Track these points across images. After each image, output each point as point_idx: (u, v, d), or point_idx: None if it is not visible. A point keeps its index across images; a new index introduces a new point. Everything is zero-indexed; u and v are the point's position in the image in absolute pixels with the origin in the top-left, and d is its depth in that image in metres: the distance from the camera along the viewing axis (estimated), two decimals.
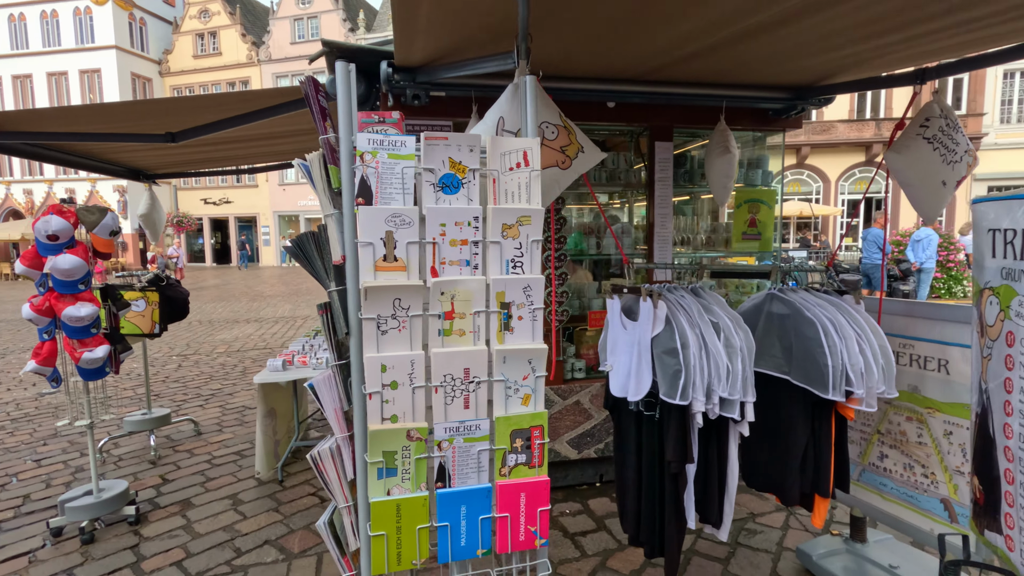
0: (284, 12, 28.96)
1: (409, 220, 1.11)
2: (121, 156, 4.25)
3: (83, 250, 3.01)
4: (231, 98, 2.98)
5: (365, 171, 1.10)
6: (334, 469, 1.17)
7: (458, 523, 1.17)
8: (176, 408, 5.58)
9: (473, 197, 1.17)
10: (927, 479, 2.25)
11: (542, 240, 1.24)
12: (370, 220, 1.10)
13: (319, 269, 1.14)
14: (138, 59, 29.66)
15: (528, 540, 1.23)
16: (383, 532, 1.13)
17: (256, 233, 31.24)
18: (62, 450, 4.52)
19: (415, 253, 1.12)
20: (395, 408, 1.14)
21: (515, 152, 1.18)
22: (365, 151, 1.10)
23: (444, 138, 1.13)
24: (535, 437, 1.24)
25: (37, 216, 2.93)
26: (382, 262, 1.11)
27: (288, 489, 3.66)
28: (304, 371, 3.75)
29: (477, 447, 1.19)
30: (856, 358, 1.93)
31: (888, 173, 2.25)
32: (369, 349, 1.11)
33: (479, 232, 1.16)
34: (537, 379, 1.24)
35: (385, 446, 1.13)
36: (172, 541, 3.06)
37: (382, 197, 1.11)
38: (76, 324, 3.01)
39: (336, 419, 1.17)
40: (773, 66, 2.80)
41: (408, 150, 1.14)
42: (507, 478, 1.21)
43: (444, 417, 1.17)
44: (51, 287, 3.03)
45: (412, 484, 1.17)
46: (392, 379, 1.13)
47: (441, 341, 1.16)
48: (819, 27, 2.14)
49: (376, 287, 1.07)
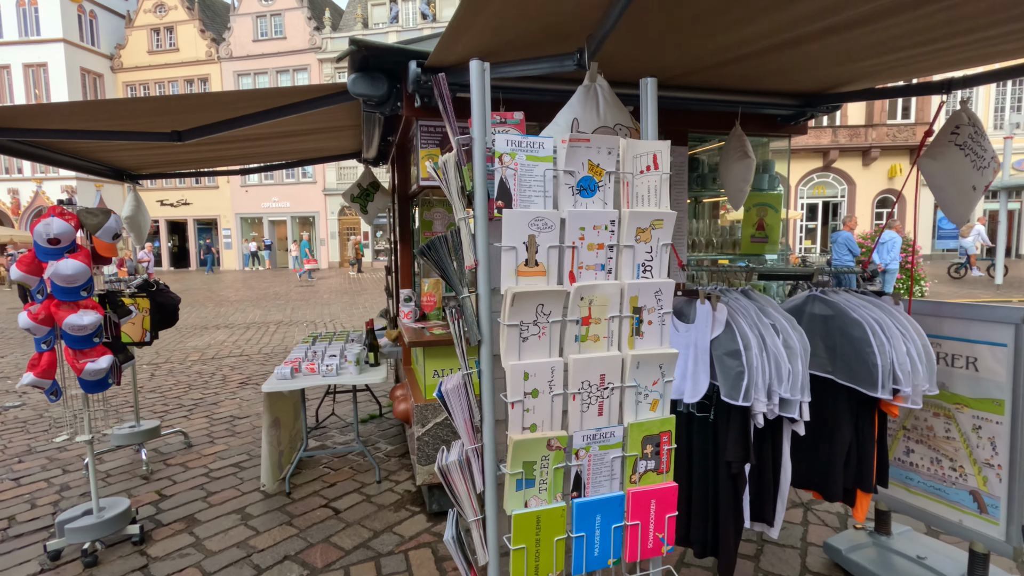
0: (246, 8, 28.13)
1: (551, 224, 1.09)
2: (105, 155, 4.04)
3: (85, 255, 2.84)
4: (247, 96, 2.87)
5: (504, 173, 1.07)
6: (463, 482, 1.13)
7: (593, 533, 1.14)
8: (158, 420, 5.33)
9: (608, 200, 1.15)
10: (955, 472, 2.34)
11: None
12: (514, 223, 1.06)
13: (452, 274, 1.10)
14: (88, 53, 28.29)
15: (656, 547, 1.22)
16: (523, 545, 1.10)
17: (217, 236, 30.20)
18: (41, 467, 4.25)
19: (555, 257, 1.10)
20: (535, 417, 1.11)
21: (646, 155, 1.17)
22: (504, 152, 1.07)
23: (586, 140, 1.11)
24: (664, 443, 1.23)
25: (35, 219, 2.75)
26: (524, 267, 1.08)
27: (298, 501, 3.54)
28: (313, 378, 3.63)
29: (611, 454, 1.18)
30: (903, 357, 2.00)
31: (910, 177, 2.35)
32: (511, 356, 1.08)
33: (614, 236, 1.15)
34: (666, 384, 1.23)
35: (526, 456, 1.10)
36: (184, 560, 2.91)
37: (521, 200, 1.08)
38: (78, 333, 2.83)
39: (466, 430, 1.13)
40: (792, 74, 2.87)
41: (546, 152, 1.11)
42: (637, 485, 1.20)
43: (580, 425, 1.15)
44: (50, 294, 2.84)
45: (548, 495, 1.14)
46: (534, 387, 1.09)
47: (578, 347, 1.14)
48: (854, 40, 2.21)
49: (523, 293, 1.04)
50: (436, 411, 3.15)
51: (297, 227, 29.65)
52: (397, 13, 27.04)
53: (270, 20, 28.11)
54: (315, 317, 12.41)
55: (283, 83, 28.23)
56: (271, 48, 28.10)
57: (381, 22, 27.37)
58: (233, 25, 28.34)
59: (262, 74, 28.37)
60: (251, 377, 7.04)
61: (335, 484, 3.78)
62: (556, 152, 1.11)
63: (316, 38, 27.55)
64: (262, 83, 28.41)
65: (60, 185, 27.31)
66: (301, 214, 29.22)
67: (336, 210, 28.60)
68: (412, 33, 26.42)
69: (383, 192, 5.04)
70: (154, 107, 2.87)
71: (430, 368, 3.21)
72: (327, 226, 28.71)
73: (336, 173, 28.47)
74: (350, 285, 19.65)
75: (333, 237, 28.75)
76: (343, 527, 3.20)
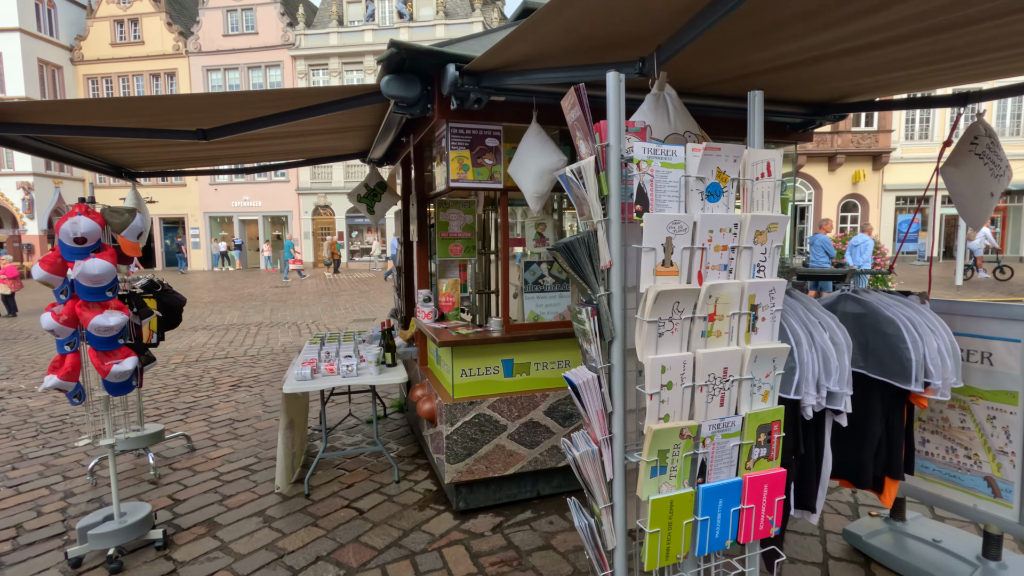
0: (215, 2, 27.41)
1: (686, 227, 1.16)
2: (108, 152, 3.94)
3: (111, 254, 2.78)
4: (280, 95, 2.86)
5: (642, 179, 1.13)
6: (594, 471, 1.19)
7: (716, 516, 1.22)
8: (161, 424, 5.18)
9: (730, 205, 1.23)
10: (970, 460, 2.51)
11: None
12: (654, 226, 1.13)
13: (588, 274, 1.16)
14: (46, 44, 27.10)
15: (766, 528, 1.30)
16: (658, 529, 1.16)
17: (185, 235, 29.32)
18: (38, 474, 4.10)
19: (687, 258, 1.17)
20: (668, 408, 1.18)
21: (761, 163, 1.25)
22: (641, 159, 1.13)
23: (717, 149, 1.18)
24: (774, 431, 1.32)
25: (63, 217, 2.68)
26: (661, 267, 1.14)
27: (318, 503, 3.52)
28: (333, 379, 3.62)
29: (731, 442, 1.25)
30: (933, 353, 2.14)
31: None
32: (650, 351, 1.14)
33: (736, 238, 1.22)
34: (776, 376, 1.31)
35: (661, 445, 1.16)
36: (213, 564, 2.87)
37: (657, 204, 1.15)
38: (104, 335, 2.77)
39: (599, 421, 1.19)
40: (810, 86, 3.02)
41: (679, 159, 1.18)
42: (751, 471, 1.28)
43: (704, 415, 1.22)
44: (74, 294, 2.77)
45: (678, 481, 1.21)
46: (669, 380, 1.16)
47: (704, 342, 1.21)
48: (877, 57, 2.35)
49: (666, 291, 1.11)
50: (465, 410, 3.19)
51: (269, 227, 29.03)
52: (373, 11, 26.76)
53: (241, 15, 27.46)
54: (296, 318, 12.21)
55: (255, 79, 27.61)
56: (242, 43, 27.45)
57: (357, 20, 27.05)
58: (202, 19, 27.57)
59: (232, 69, 27.69)
60: (241, 380, 6.90)
61: (353, 485, 3.77)
62: (687, 159, 1.19)
63: (289, 34, 27.05)
64: (232, 79, 27.73)
65: (15, 181, 26.10)
66: (273, 213, 28.63)
67: (309, 210, 28.12)
68: (389, 33, 26.21)
69: (390, 192, 5.03)
70: (182, 105, 2.83)
71: (458, 367, 3.24)
72: (300, 226, 28.20)
73: (310, 172, 27.99)
74: (327, 286, 19.37)
75: (307, 237, 28.25)
76: (370, 527, 3.21)
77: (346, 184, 27.44)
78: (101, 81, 28.52)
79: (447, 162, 3.08)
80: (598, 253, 1.14)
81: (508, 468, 3.31)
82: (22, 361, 8.33)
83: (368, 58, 26.44)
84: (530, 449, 3.34)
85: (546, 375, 3.42)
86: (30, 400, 6.21)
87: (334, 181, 27.49)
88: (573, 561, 2.82)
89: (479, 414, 3.22)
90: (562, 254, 1.15)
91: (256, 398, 6.03)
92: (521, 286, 3.40)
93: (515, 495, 3.42)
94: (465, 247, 4.10)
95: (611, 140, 1.12)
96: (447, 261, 4.07)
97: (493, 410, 3.24)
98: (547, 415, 3.35)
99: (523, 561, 2.83)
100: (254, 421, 5.23)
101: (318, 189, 27.76)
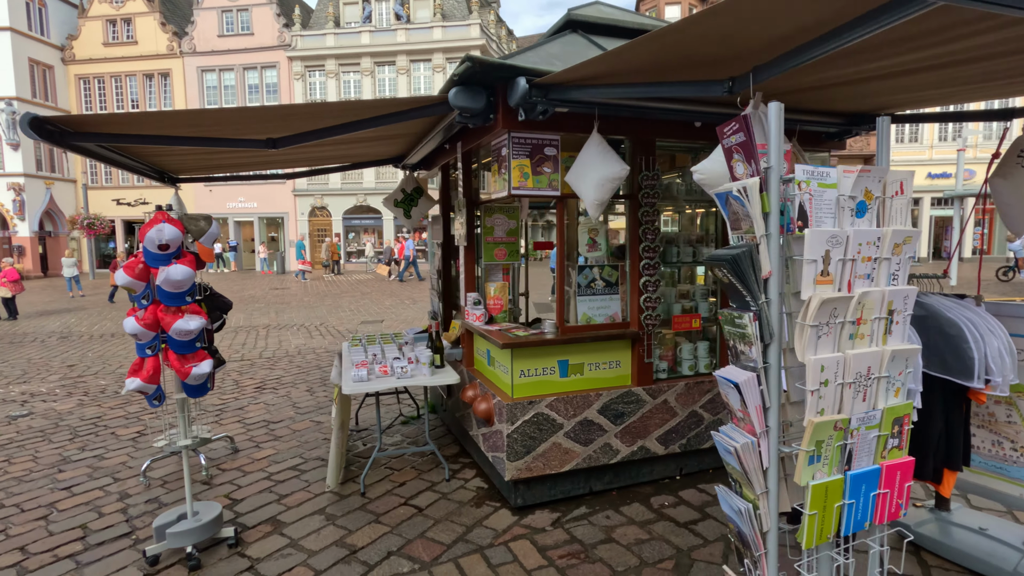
0: (210, 2, 27.25)
1: (840, 240, 1.29)
2: (160, 159, 4.00)
3: (191, 260, 2.86)
4: (351, 107, 2.96)
5: (802, 198, 1.26)
6: (752, 460, 1.31)
7: (859, 499, 1.35)
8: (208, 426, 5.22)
9: (873, 220, 1.36)
10: (1016, 452, 2.67)
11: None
12: (815, 240, 1.26)
13: (751, 283, 1.28)
14: (37, 43, 26.78)
15: (896, 511, 1.43)
16: (816, 511, 1.29)
17: None
18: (87, 476, 4.15)
19: (839, 269, 1.30)
20: (823, 403, 1.31)
21: (895, 182, 1.39)
22: (802, 180, 1.26)
23: (868, 171, 1.32)
24: (904, 423, 1.45)
25: (147, 224, 2.76)
26: (820, 276, 1.27)
27: (375, 500, 3.61)
28: (388, 380, 3.71)
29: (872, 434, 1.38)
30: (994, 351, 2.29)
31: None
32: (810, 352, 1.27)
33: (878, 250, 1.36)
34: (907, 375, 1.44)
35: (819, 436, 1.29)
36: (288, 560, 2.96)
37: (815, 220, 1.28)
38: (184, 338, 2.85)
39: (758, 416, 1.31)
40: (854, 100, 3.17)
41: (832, 180, 1.31)
42: (886, 459, 1.41)
43: (851, 410, 1.35)
44: (155, 299, 2.85)
45: (828, 469, 1.34)
46: (825, 378, 1.29)
47: (852, 344, 1.34)
48: (926, 77, 2.50)
49: (828, 299, 1.24)
50: (524, 410, 3.30)
51: (264, 229, 28.90)
52: (370, 13, 26.77)
53: (236, 15, 27.32)
54: (303, 320, 12.22)
55: (251, 80, 27.48)
56: (237, 44, 27.32)
57: (353, 21, 27.05)
58: (197, 19, 27.40)
59: (228, 70, 27.54)
60: (264, 382, 6.95)
61: (404, 483, 3.86)
62: (839, 180, 1.32)
63: (285, 35, 26.97)
64: (227, 79, 27.57)
65: (6, 183, 25.74)
66: (269, 215, 28.50)
67: (306, 211, 28.04)
68: (386, 34, 26.24)
69: (427, 197, 5.13)
70: (259, 116, 2.92)
71: (517, 368, 3.36)
72: (296, 227, 28.10)
73: None
74: (328, 288, 19.35)
75: (305, 239, 28.15)
76: (432, 523, 3.31)
77: (342, 186, 27.41)
78: (93, 81, 28.24)
79: (509, 170, 3.19)
80: (759, 263, 1.26)
81: (564, 465, 3.43)
82: (35, 364, 8.29)
83: (365, 60, 26.45)
84: (584, 447, 3.46)
85: (599, 375, 3.55)
86: (54, 403, 6.22)
87: (331, 183, 27.43)
88: (638, 553, 2.95)
89: (537, 413, 3.33)
90: (727, 264, 1.28)
91: (284, 400, 6.09)
92: (574, 289, 3.52)
93: (569, 491, 3.54)
94: (509, 251, 4.22)
95: (772, 163, 1.25)
96: (491, 265, 4.19)
97: (550, 409, 3.36)
98: (600, 414, 3.48)
99: (589, 554, 2.95)
100: (289, 423, 5.29)
101: (315, 191, 27.69)
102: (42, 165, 26.96)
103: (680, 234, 3.88)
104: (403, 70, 26.25)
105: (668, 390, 3.63)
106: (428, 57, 26.14)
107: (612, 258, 3.77)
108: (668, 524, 3.23)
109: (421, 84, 26.50)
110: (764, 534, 1.33)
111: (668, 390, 3.63)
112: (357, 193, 27.35)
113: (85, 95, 28.40)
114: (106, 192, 28.58)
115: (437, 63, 26.00)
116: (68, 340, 10.22)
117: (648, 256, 3.50)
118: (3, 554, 3.10)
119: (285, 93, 27.04)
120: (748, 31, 1.80)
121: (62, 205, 27.86)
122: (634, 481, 3.71)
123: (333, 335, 10.25)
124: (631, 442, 3.57)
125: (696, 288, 3.88)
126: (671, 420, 3.66)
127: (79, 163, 28.56)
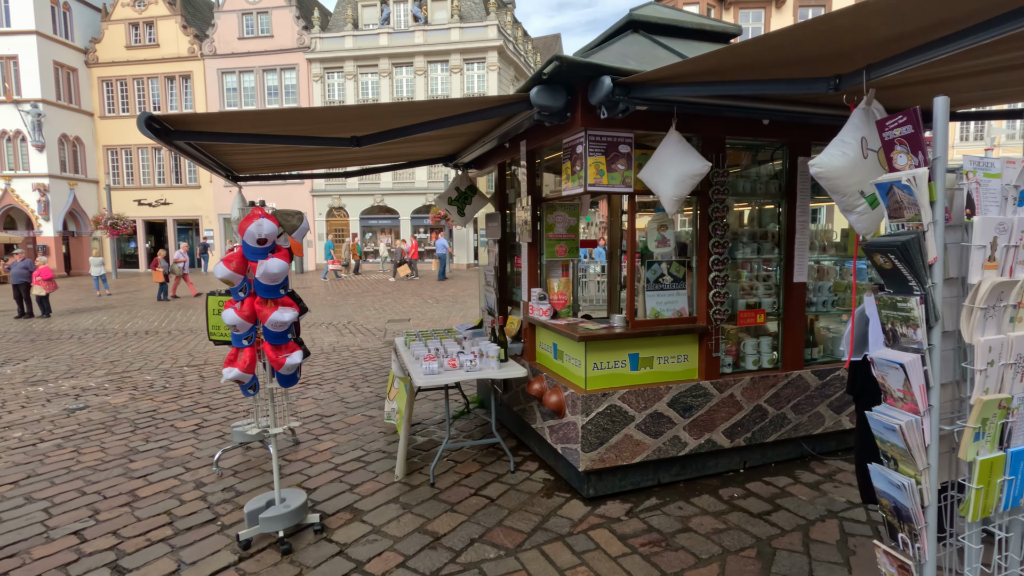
0: (231, 5, 27.58)
1: (1007, 227, 1.36)
2: (233, 157, 4.12)
3: (285, 254, 2.96)
4: (433, 106, 3.05)
5: (969, 187, 1.33)
6: (915, 437, 1.38)
7: (1019, 475, 1.42)
8: (236, 417, 5.35)
9: None
10: None
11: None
12: (983, 227, 1.33)
13: (919, 268, 1.35)
14: (62, 47, 27.24)
15: None
16: (981, 486, 1.36)
17: (198, 237, 29.45)
18: (158, 466, 4.27)
19: (1004, 255, 1.37)
20: (988, 383, 1.37)
21: None
22: (969, 170, 1.33)
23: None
24: None
25: (246, 219, 2.86)
26: (988, 262, 1.34)
27: (446, 491, 3.70)
28: (457, 373, 3.80)
29: None
30: None
31: None
32: (978, 334, 1.34)
33: None
34: None
35: (985, 414, 1.36)
36: (375, 546, 3.05)
37: (982, 208, 1.35)
38: (278, 329, 2.95)
39: (921, 395, 1.38)
40: (927, 98, 3.21)
41: (996, 170, 1.37)
42: None
43: (1011, 388, 1.41)
44: (252, 292, 2.95)
45: (990, 445, 1.40)
46: (991, 359, 1.36)
47: (1012, 327, 1.40)
48: (1001, 77, 2.54)
49: (999, 283, 1.31)
50: (598, 402, 3.37)
51: None
52: (388, 15, 26.98)
53: (256, 18, 27.64)
54: (329, 319, 12.36)
55: (270, 82, 27.78)
56: (257, 46, 27.63)
57: (372, 23, 27.26)
58: (217, 22, 27.75)
59: (248, 72, 27.86)
60: (307, 377, 7.06)
61: (470, 475, 3.94)
62: (1003, 170, 1.38)
63: (305, 37, 27.24)
64: (247, 81, 27.89)
65: (31, 183, 26.19)
66: None
67: (324, 211, 28.28)
68: (404, 36, 26.41)
69: (480, 196, 5.21)
70: (348, 115, 3.02)
71: (590, 361, 3.43)
72: (315, 227, 28.34)
73: None
74: (348, 287, 19.52)
75: (320, 239, 28.38)
76: (507, 513, 3.38)
77: (360, 187, 27.61)
78: (116, 83, 28.67)
79: (585, 167, 3.26)
80: (926, 249, 1.33)
81: (635, 457, 3.49)
82: (78, 360, 8.47)
83: (383, 61, 26.64)
84: (654, 439, 3.52)
85: (668, 368, 3.61)
86: (107, 396, 6.36)
87: (348, 183, 27.65)
88: (718, 541, 3.01)
89: (611, 405, 3.40)
90: (897, 250, 1.34)
91: (330, 395, 6.19)
92: (643, 284, 3.59)
93: (638, 483, 3.61)
94: (569, 248, 4.29)
95: (939, 154, 1.32)
96: (552, 261, 4.26)
97: (623, 401, 3.43)
98: (670, 406, 3.54)
99: (670, 542, 3.02)
100: (341, 416, 5.40)
101: (332, 191, 27.92)
102: (66, 166, 27.40)
103: (743, 230, 3.93)
104: (420, 71, 26.42)
105: (734, 384, 3.68)
106: (445, 58, 26.28)
107: (679, 254, 3.83)
108: (742, 515, 3.29)
109: (438, 86, 26.65)
110: (924, 508, 1.39)
111: (734, 384, 3.68)
112: (374, 194, 27.54)
113: (108, 97, 28.84)
114: (128, 193, 28.99)
115: (454, 64, 26.14)
116: (104, 337, 10.41)
117: (717, 252, 3.56)
118: (99, 537, 3.21)
119: (304, 95, 27.30)
120: (867, 31, 1.86)
121: (85, 205, 28.29)
122: (700, 474, 3.77)
123: (364, 333, 10.37)
124: (699, 435, 3.63)
125: (759, 284, 3.93)
126: (737, 414, 3.71)
127: (102, 164, 29.00)
